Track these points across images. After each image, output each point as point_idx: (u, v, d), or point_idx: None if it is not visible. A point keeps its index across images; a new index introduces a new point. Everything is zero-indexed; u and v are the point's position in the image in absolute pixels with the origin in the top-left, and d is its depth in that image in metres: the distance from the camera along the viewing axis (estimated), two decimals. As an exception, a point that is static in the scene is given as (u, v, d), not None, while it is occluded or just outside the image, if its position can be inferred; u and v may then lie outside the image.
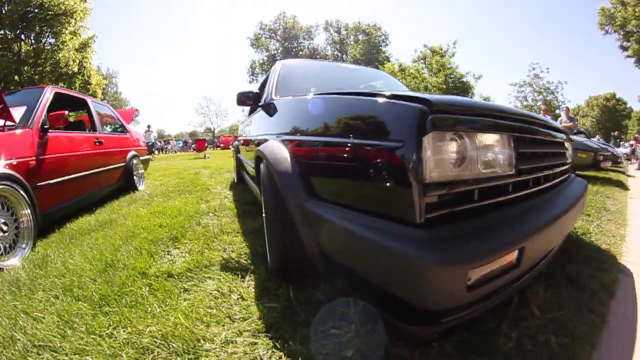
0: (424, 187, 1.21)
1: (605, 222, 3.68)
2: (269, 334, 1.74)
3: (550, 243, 1.72)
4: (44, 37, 20.14)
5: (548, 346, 1.53)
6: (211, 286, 2.31)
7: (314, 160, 1.92)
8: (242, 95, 3.61)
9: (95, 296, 2.23)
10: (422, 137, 1.21)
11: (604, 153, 7.69)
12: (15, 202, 3.21)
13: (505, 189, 1.50)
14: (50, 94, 4.46)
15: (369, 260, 1.42)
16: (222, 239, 3.30)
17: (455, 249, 1.18)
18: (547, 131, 1.98)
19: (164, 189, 6.62)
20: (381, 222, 1.35)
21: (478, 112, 1.45)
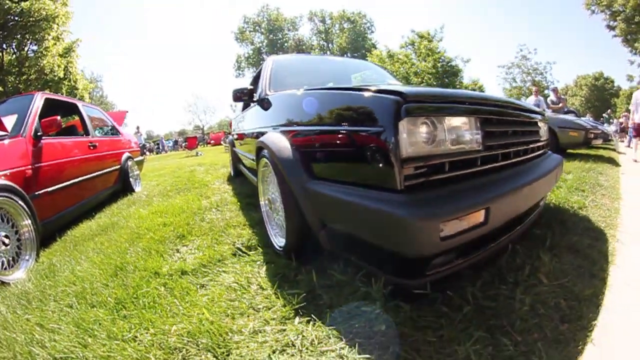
0: (402, 162, 1.52)
1: (600, 196, 3.86)
2: (296, 319, 1.78)
3: (518, 207, 2.00)
4: (26, 44, 19.77)
5: (559, 309, 1.70)
6: (228, 279, 2.32)
7: (311, 146, 2.23)
8: (238, 91, 3.76)
9: (111, 301, 2.20)
10: (397, 122, 1.53)
11: (594, 131, 7.82)
12: (14, 213, 3.14)
13: (474, 162, 1.78)
14: (41, 101, 4.36)
15: (363, 223, 1.74)
16: (229, 232, 3.29)
17: (428, 207, 1.48)
18: (517, 112, 2.26)
19: (161, 188, 6.56)
20: (370, 192, 1.67)
21: (448, 100, 1.79)
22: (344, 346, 1.55)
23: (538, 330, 1.56)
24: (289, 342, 1.62)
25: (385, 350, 1.49)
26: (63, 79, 20.47)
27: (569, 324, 1.60)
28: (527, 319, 1.61)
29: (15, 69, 19.45)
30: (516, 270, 2.01)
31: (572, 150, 8.06)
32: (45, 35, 19.30)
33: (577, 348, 1.47)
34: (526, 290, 1.83)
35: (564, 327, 1.58)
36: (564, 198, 3.60)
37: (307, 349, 1.57)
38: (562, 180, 4.46)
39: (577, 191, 4.00)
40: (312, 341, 1.61)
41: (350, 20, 54.22)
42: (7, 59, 19.43)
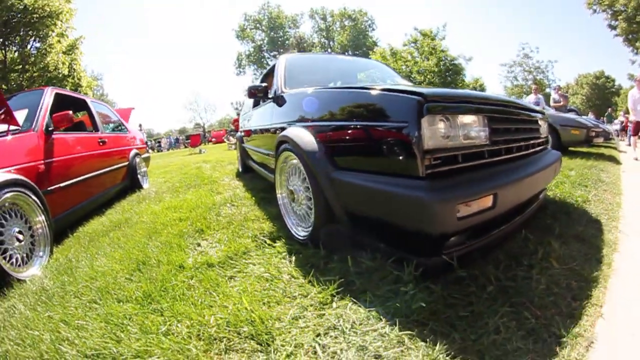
0: (424, 153, 1.76)
1: (602, 192, 4.04)
2: (334, 304, 1.86)
3: (521, 195, 2.27)
4: (29, 41, 19.64)
5: (570, 289, 1.90)
6: (257, 270, 2.35)
7: (335, 140, 2.43)
8: (253, 88, 3.86)
9: (138, 295, 2.16)
10: (420, 118, 1.76)
11: (596, 129, 7.95)
12: (28, 209, 3.07)
13: (482, 155, 2.01)
14: (51, 96, 4.31)
15: (388, 206, 1.96)
16: (249, 226, 3.28)
17: (447, 191, 1.73)
18: (519, 111, 2.49)
19: (170, 185, 6.52)
20: (394, 179, 1.90)
21: (461, 100, 2.05)
22: (384, 325, 1.64)
23: (554, 306, 1.75)
24: (331, 325, 1.69)
25: (424, 327, 1.61)
26: (67, 76, 20.33)
27: (580, 302, 1.80)
28: (543, 297, 1.81)
29: (19, 66, 19.34)
30: (530, 255, 2.20)
31: (573, 148, 8.12)
32: (49, 32, 19.21)
33: (589, 321, 1.66)
34: (541, 272, 2.02)
35: (577, 304, 1.78)
36: (569, 192, 3.76)
37: (350, 330, 1.64)
38: (566, 176, 4.64)
39: (580, 186, 4.17)
40: (352, 323, 1.68)
41: (351, 18, 54.05)
42: (10, 57, 19.33)
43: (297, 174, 2.85)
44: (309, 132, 2.65)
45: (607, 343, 1.54)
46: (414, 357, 1.45)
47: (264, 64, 54.59)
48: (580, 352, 1.48)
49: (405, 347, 1.51)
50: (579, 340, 1.54)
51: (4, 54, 18.91)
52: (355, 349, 1.53)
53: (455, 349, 1.47)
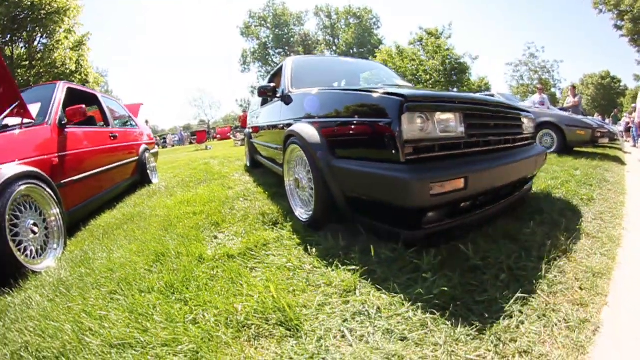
0: (404, 142, 2.12)
1: (606, 191, 4.19)
2: (357, 292, 1.94)
3: (494, 181, 2.51)
4: (35, 38, 19.65)
5: (577, 279, 2.04)
6: (278, 261, 2.42)
7: (334, 133, 2.79)
8: (263, 88, 4.29)
9: (161, 285, 2.17)
10: (401, 115, 2.12)
11: (601, 130, 8.01)
12: (42, 201, 3.07)
13: (459, 146, 2.36)
14: (63, 90, 4.32)
15: (377, 186, 2.30)
16: (265, 220, 3.32)
17: (421, 172, 2.07)
18: (498, 109, 2.84)
19: (179, 180, 6.50)
20: (381, 164, 2.25)
21: (439, 100, 2.46)
22: (408, 310, 1.73)
23: (562, 294, 1.87)
24: (357, 311, 1.76)
25: (444, 311, 1.70)
26: (74, 72, 20.34)
27: (587, 291, 1.91)
28: (552, 286, 1.94)
29: (25, 62, 19.36)
30: (539, 247, 2.34)
31: (579, 149, 8.25)
32: (57, 29, 19.26)
33: (595, 308, 1.77)
34: (549, 263, 2.16)
35: (583, 293, 1.89)
36: (574, 191, 3.90)
37: (375, 315, 1.72)
38: (571, 176, 4.80)
39: (585, 185, 4.33)
40: (377, 308, 1.77)
41: (356, 16, 53.96)
42: (16, 52, 19.34)
43: (302, 165, 3.20)
44: (314, 127, 2.99)
45: (613, 328, 1.65)
46: (437, 339, 1.54)
47: (268, 62, 54.70)
48: (587, 336, 1.58)
49: (429, 330, 1.60)
50: (586, 325, 1.64)
51: (11, 49, 18.92)
52: (382, 332, 1.61)
53: (474, 330, 1.57)
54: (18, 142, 3.20)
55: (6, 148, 3.00)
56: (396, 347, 1.51)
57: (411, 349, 1.50)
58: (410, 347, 1.51)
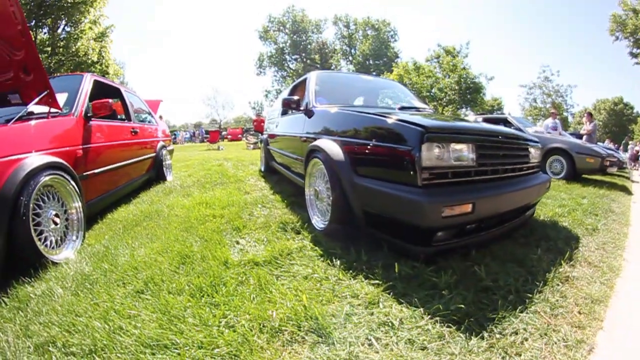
0: (422, 169, 2.32)
1: (611, 221, 4.27)
2: (380, 304, 2.04)
3: (499, 207, 2.74)
4: (59, 25, 19.79)
5: (577, 304, 2.16)
6: (303, 271, 2.50)
7: (357, 153, 2.95)
8: (287, 100, 4.36)
9: (191, 288, 2.19)
10: (421, 144, 2.33)
11: (610, 159, 8.03)
12: (65, 192, 3.06)
13: (469, 173, 2.56)
14: (90, 82, 4.33)
15: (394, 205, 2.50)
16: (286, 229, 3.38)
17: (435, 196, 2.28)
18: (507, 140, 3.05)
19: (194, 180, 6.52)
20: (400, 186, 2.45)
21: (455, 132, 2.68)
22: (427, 322, 1.86)
23: (562, 317, 2.01)
24: (381, 322, 1.88)
25: (460, 325, 1.84)
26: (95, 63, 20.48)
27: (585, 315, 2.04)
28: (554, 309, 2.07)
29: (48, 47, 19.49)
30: (544, 273, 2.50)
31: (587, 176, 8.29)
32: (82, 19, 19.42)
33: (591, 331, 1.89)
34: (552, 288, 2.31)
35: (582, 317, 2.02)
36: (580, 220, 4.03)
37: (398, 326, 1.84)
38: (578, 204, 4.92)
39: (591, 215, 4.43)
40: (400, 320, 1.88)
41: (374, 28, 53.96)
42: (40, 38, 19.43)
43: (322, 178, 3.37)
44: (337, 144, 3.16)
45: (606, 350, 1.78)
46: (453, 349, 1.68)
47: (284, 67, 54.91)
48: (583, 355, 1.72)
49: (446, 341, 1.74)
50: (582, 345, 1.78)
51: (35, 34, 18.99)
52: (405, 341, 1.73)
53: (485, 343, 1.73)
54: (45, 131, 3.20)
55: (34, 137, 3.01)
56: (418, 355, 1.65)
57: (431, 358, 1.64)
58: (430, 355, 1.65)
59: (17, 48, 3.13)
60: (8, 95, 3.47)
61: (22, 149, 2.74)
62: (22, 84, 3.33)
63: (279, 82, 55.36)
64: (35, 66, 3.24)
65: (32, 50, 3.17)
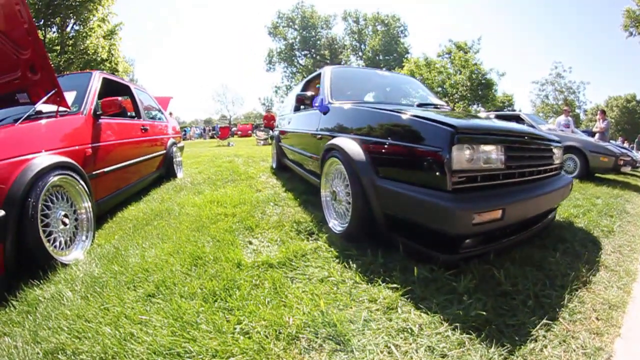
0: (452, 172, 2.18)
1: (626, 223, 4.19)
2: (399, 310, 2.00)
3: (527, 212, 2.64)
4: (68, 24, 19.76)
5: (595, 310, 2.11)
6: (319, 273, 2.44)
7: (379, 153, 2.78)
8: (301, 96, 4.36)
9: (203, 292, 2.13)
10: (452, 146, 2.18)
11: (624, 158, 7.95)
12: (74, 192, 3.02)
13: (498, 176, 2.42)
14: (99, 80, 4.28)
15: (421, 211, 2.34)
16: (299, 228, 3.32)
17: (466, 203, 2.14)
18: (535, 141, 2.91)
19: (205, 177, 6.45)
20: (427, 190, 2.30)
21: (485, 132, 2.49)
22: (446, 329, 1.82)
23: (581, 323, 1.97)
24: (400, 328, 1.83)
25: (479, 332, 1.80)
26: (105, 60, 20.48)
27: (603, 322, 1.99)
28: (572, 314, 2.03)
29: (57, 46, 19.52)
30: (562, 277, 2.45)
31: (600, 175, 8.23)
32: (90, 17, 19.42)
33: (609, 338, 1.85)
34: (571, 293, 2.25)
35: (599, 323, 1.98)
36: (595, 222, 3.97)
37: (418, 333, 1.80)
38: (593, 204, 4.88)
39: (606, 216, 4.37)
40: (420, 326, 1.84)
41: (384, 23, 53.57)
42: (49, 37, 19.45)
43: (340, 178, 3.23)
44: (357, 143, 3.01)
45: (623, 357, 1.75)
46: (474, 357, 1.64)
47: (294, 63, 54.77)
48: None
49: (466, 349, 1.70)
50: (600, 353, 1.74)
51: (44, 34, 19.04)
52: (424, 348, 1.70)
53: (505, 351, 1.68)
54: (54, 130, 3.15)
55: (43, 137, 2.96)
56: (438, 363, 1.62)
57: (451, 366, 1.61)
58: (450, 363, 1.62)
59: (24, 47, 3.08)
60: (16, 94, 3.41)
61: (30, 149, 2.69)
62: (29, 83, 3.27)
63: (289, 78, 55.25)
64: (42, 65, 3.18)
65: (40, 48, 3.11)
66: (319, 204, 3.68)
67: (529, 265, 2.56)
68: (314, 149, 4.09)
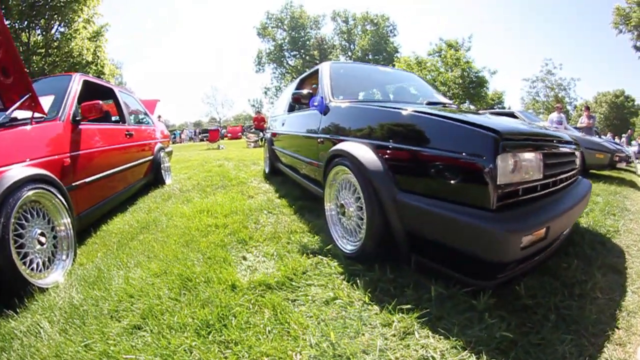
0: (497, 186, 1.84)
1: (629, 221, 4.08)
2: (416, 334, 1.79)
3: (565, 226, 2.44)
4: (53, 26, 19.43)
5: (614, 318, 2.00)
6: (323, 294, 2.20)
7: (401, 161, 2.42)
8: (297, 94, 3.91)
9: (195, 322, 1.88)
10: (497, 155, 1.84)
11: (619, 154, 8.11)
12: (51, 208, 2.75)
13: (536, 188, 2.11)
14: (79, 83, 4.00)
15: (454, 233, 2.02)
16: (296, 240, 3.10)
17: (514, 224, 1.82)
18: (562, 145, 2.59)
19: (194, 182, 6.22)
20: (464, 208, 1.95)
21: (526, 137, 2.17)
22: (469, 354, 1.63)
23: (602, 334, 1.85)
24: (421, 357, 1.65)
25: (505, 355, 1.63)
26: (90, 63, 20.15)
27: (624, 330, 1.90)
28: (594, 325, 1.90)
29: (42, 49, 19.15)
30: (578, 285, 2.29)
31: (595, 171, 8.17)
32: (75, 18, 19.09)
33: (632, 348, 1.77)
34: (591, 302, 2.11)
35: (620, 332, 1.88)
36: (600, 221, 3.84)
37: None
38: (594, 203, 4.74)
39: (609, 215, 4.25)
40: (442, 354, 1.65)
41: (373, 23, 53.60)
42: (33, 40, 19.12)
43: (349, 189, 2.81)
44: (369, 149, 2.62)
45: None
46: None
47: (283, 63, 54.68)
48: None
49: None
50: None
51: (28, 36, 18.72)
52: None
53: None
54: (28, 139, 2.88)
55: (15, 146, 2.68)
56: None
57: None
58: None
59: (-6, 48, 2.80)
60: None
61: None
62: (2, 87, 2.98)
63: (278, 79, 55.10)
64: (15, 68, 2.90)
65: (12, 49, 2.83)
66: (315, 209, 3.49)
67: (545, 274, 2.38)
68: (313, 153, 3.74)
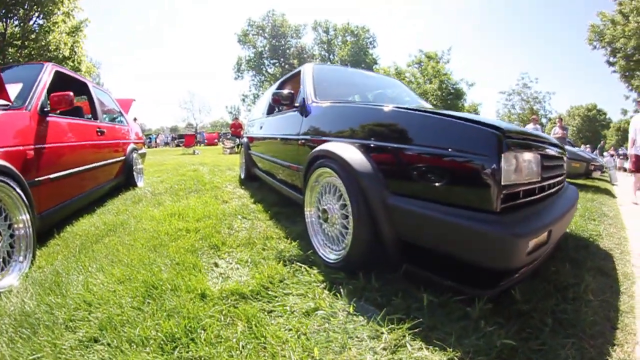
0: (501, 188, 1.72)
1: (608, 226, 4.30)
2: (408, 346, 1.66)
3: (562, 230, 2.39)
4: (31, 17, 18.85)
5: (609, 319, 2.02)
6: (302, 304, 2.03)
7: (392, 162, 2.26)
8: (278, 95, 3.66)
9: (159, 336, 1.67)
10: (501, 153, 1.72)
11: (594, 163, 8.59)
12: (9, 203, 2.53)
13: (534, 190, 2.06)
14: (50, 73, 3.77)
15: (453, 239, 1.87)
16: (272, 246, 2.97)
17: (523, 227, 1.72)
18: (554, 148, 2.57)
19: (167, 186, 6.01)
20: (464, 212, 1.81)
21: (526, 137, 2.07)
22: None
23: (600, 335, 1.83)
24: None
25: None
26: (67, 58, 19.61)
27: (619, 330, 1.92)
28: (591, 327, 1.88)
29: (18, 41, 18.61)
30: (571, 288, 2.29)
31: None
32: (55, 10, 18.62)
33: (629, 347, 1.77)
34: (585, 305, 2.10)
35: (617, 332, 1.89)
36: (582, 226, 3.99)
37: None
38: None
39: (590, 220, 4.43)
40: None
41: (353, 34, 53.96)
42: (9, 30, 18.55)
43: (333, 193, 2.65)
44: (357, 149, 2.46)
45: None
46: None
47: (262, 71, 54.56)
48: None
49: None
50: None
51: (5, 26, 18.16)
52: None
53: None
54: (-13, 127, 2.64)
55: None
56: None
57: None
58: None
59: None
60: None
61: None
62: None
63: (257, 86, 54.81)
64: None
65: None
66: (292, 216, 3.36)
67: (535, 278, 2.34)
68: (293, 157, 3.59)
